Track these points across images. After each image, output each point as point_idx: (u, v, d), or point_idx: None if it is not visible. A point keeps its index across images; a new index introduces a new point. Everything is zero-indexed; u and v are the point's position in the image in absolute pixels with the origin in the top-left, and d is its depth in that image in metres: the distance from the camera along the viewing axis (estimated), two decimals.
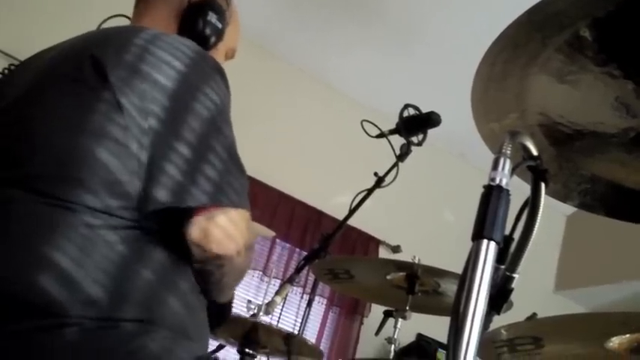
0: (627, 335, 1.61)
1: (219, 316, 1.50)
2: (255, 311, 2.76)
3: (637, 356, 1.60)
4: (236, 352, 2.95)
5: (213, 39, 1.65)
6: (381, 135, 2.94)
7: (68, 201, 1.19)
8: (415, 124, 2.88)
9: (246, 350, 2.89)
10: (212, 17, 1.64)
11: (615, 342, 1.63)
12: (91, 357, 1.13)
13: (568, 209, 5.57)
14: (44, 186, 1.21)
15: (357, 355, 5.01)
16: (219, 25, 1.65)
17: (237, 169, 1.34)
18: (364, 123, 2.87)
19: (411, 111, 2.90)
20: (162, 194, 1.22)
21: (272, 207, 5.02)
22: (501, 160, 0.98)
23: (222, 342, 2.99)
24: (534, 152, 1.07)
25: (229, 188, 1.30)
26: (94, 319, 1.13)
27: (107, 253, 1.18)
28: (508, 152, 0.99)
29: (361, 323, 5.13)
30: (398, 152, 2.90)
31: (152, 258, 1.24)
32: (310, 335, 4.83)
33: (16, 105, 1.38)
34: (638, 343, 1.61)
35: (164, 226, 1.26)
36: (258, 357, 3.03)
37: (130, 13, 1.70)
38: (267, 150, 4.84)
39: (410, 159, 2.89)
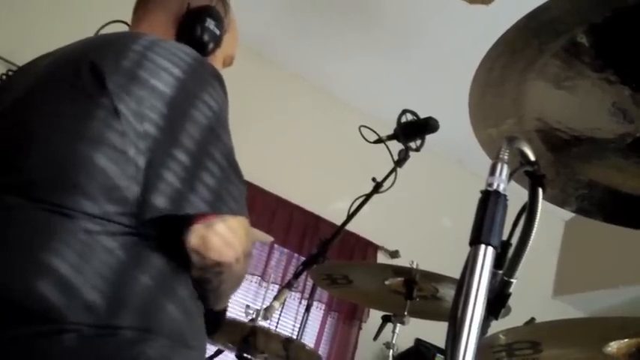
0: (625, 340, 1.61)
1: (215, 323, 1.50)
2: (254, 316, 2.76)
3: None
4: (234, 357, 2.94)
5: (211, 45, 1.65)
6: (379, 140, 2.94)
7: (66, 207, 1.19)
8: (413, 130, 2.89)
9: (244, 355, 2.88)
10: (210, 24, 1.64)
11: (613, 347, 1.63)
12: None
13: (566, 214, 5.57)
14: (42, 192, 1.21)
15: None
16: (218, 32, 1.65)
17: (235, 176, 1.34)
18: (362, 128, 2.87)
19: (409, 117, 2.90)
20: (160, 201, 1.22)
21: (270, 212, 5.01)
22: (499, 166, 0.98)
23: (221, 347, 2.98)
24: (532, 158, 1.07)
25: (228, 196, 1.30)
26: (92, 326, 1.13)
27: (106, 259, 1.18)
28: (505, 158, 0.99)
29: (359, 328, 5.12)
30: (396, 158, 2.90)
31: (150, 264, 1.24)
32: (309, 340, 4.82)
33: (14, 110, 1.38)
34: (636, 348, 1.61)
35: (162, 233, 1.26)
36: None
37: (128, 18, 1.71)
38: (265, 155, 4.85)
39: (408, 164, 2.90)
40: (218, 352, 2.96)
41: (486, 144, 1.20)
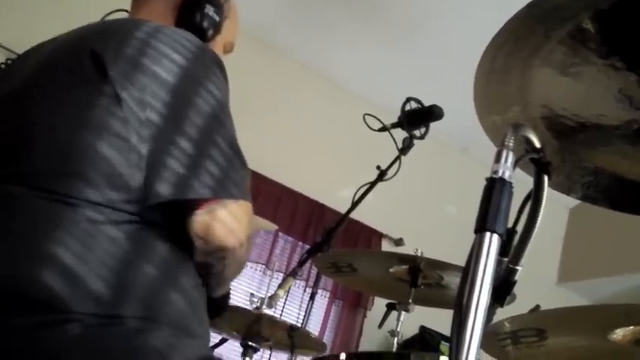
0: (630, 327, 1.61)
1: (219, 308, 1.51)
2: (258, 304, 2.77)
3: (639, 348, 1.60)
4: (239, 346, 2.95)
5: (210, 32, 1.64)
6: (384, 129, 2.93)
7: (69, 196, 1.19)
8: (417, 118, 2.88)
9: (249, 343, 2.89)
10: (209, 10, 1.63)
11: (619, 334, 1.63)
12: (93, 353, 1.13)
13: (571, 202, 5.56)
14: (45, 181, 1.21)
15: (360, 348, 5.02)
16: (217, 18, 1.65)
17: (239, 161, 1.35)
18: (366, 117, 2.87)
19: (413, 104, 2.89)
20: (163, 189, 1.23)
21: (275, 200, 5.02)
22: (504, 153, 0.98)
23: (225, 335, 2.99)
24: (537, 145, 1.07)
25: (231, 182, 1.30)
26: (96, 316, 1.13)
27: (110, 249, 1.18)
28: (511, 145, 0.99)
29: (364, 316, 5.13)
30: (400, 146, 2.89)
31: (155, 253, 1.24)
32: (313, 328, 4.83)
33: (14, 99, 1.38)
34: None
35: (166, 219, 1.26)
36: (261, 350, 3.03)
37: (130, 7, 1.70)
38: (270, 144, 4.84)
39: (412, 152, 2.89)
40: (222, 341, 2.97)
41: (491, 131, 1.20)
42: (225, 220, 1.28)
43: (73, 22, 1.63)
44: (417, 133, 2.91)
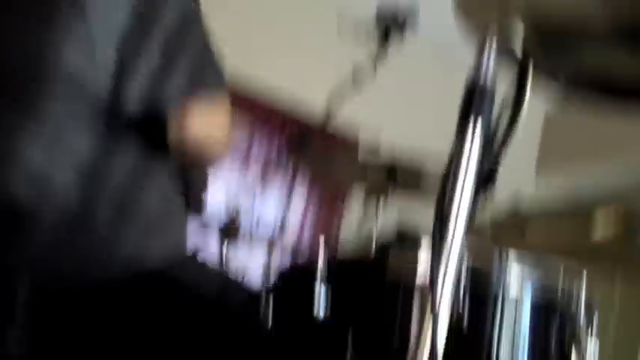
0: (611, 223, 1.61)
1: (195, 204, 1.52)
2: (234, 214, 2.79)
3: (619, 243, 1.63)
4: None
5: None
6: (358, 34, 2.91)
7: (35, 108, 1.19)
8: (392, 23, 2.86)
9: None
10: None
11: (598, 233, 1.63)
12: (64, 260, 1.15)
13: (549, 100, 5.56)
14: (9, 92, 1.21)
15: (340, 244, 5.09)
16: None
17: (214, 56, 1.34)
18: (339, 21, 2.83)
19: (388, 9, 2.86)
20: (134, 93, 1.23)
21: (249, 105, 4.97)
22: (485, 53, 0.98)
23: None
24: (519, 44, 1.07)
25: (205, 79, 1.31)
26: (66, 222, 1.15)
27: (80, 154, 1.19)
28: (492, 44, 0.99)
29: (342, 215, 5.19)
30: (375, 51, 2.88)
31: (126, 155, 1.25)
32: (293, 224, 4.88)
33: None
34: (624, 227, 1.62)
35: (139, 121, 1.26)
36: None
37: None
38: (243, 49, 4.77)
39: (389, 56, 2.88)
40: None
41: (472, 32, 1.20)
42: (201, 120, 1.29)
43: None
44: (393, 34, 2.88)
